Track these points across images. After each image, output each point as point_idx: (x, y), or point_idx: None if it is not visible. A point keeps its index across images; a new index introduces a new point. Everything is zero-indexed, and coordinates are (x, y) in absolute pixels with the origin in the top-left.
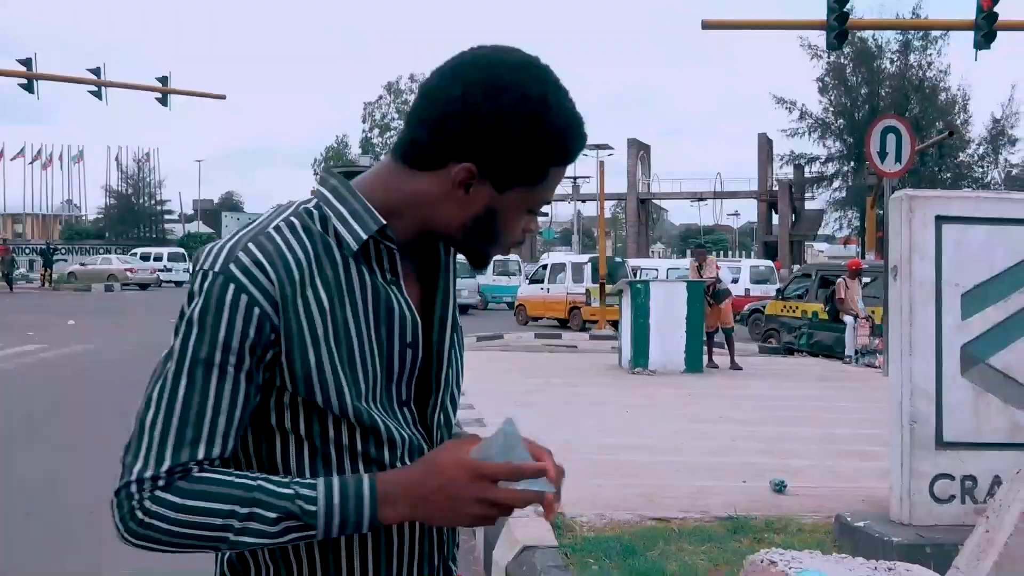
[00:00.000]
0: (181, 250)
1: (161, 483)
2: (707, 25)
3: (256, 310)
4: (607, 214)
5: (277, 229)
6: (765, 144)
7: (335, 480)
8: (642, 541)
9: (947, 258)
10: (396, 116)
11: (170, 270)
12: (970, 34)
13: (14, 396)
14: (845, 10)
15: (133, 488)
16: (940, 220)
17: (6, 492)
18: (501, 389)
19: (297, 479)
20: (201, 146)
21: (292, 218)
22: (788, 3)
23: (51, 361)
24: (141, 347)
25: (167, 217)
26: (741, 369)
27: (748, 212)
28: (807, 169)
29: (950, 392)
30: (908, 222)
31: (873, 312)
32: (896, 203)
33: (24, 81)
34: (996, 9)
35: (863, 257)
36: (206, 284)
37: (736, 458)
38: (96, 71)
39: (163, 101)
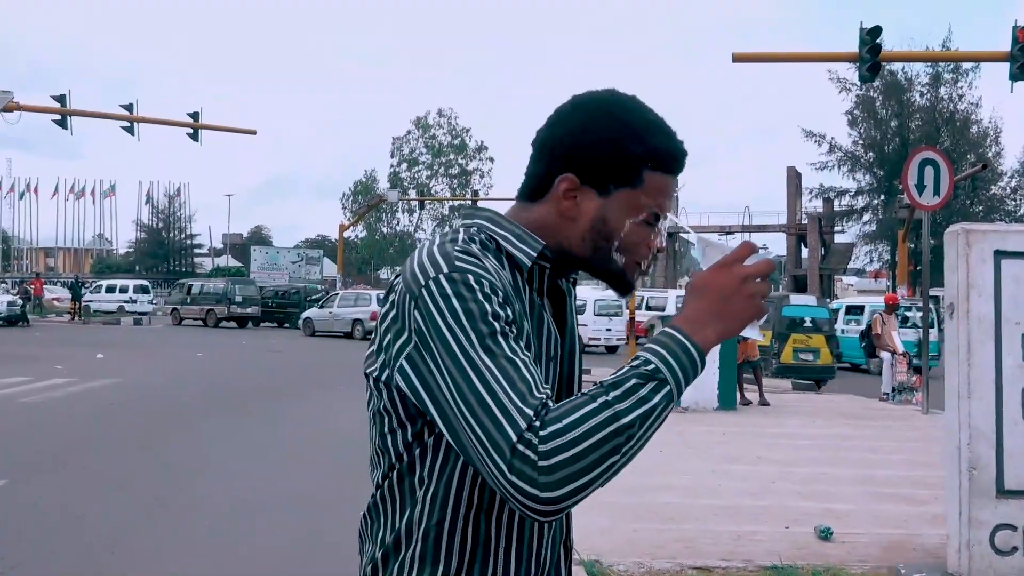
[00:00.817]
0: (146, 282)
1: (537, 425)
2: (737, 58)
3: (500, 292)
4: None
5: (464, 249)
6: (794, 177)
7: (651, 346)
8: None
9: (1007, 294)
10: (424, 151)
11: (135, 302)
12: (1003, 66)
13: (41, 430)
14: (878, 42)
15: (521, 449)
16: (999, 255)
17: (31, 525)
18: None
19: (627, 365)
20: (231, 180)
21: (464, 240)
22: (814, 36)
23: (78, 395)
24: (169, 380)
25: (197, 251)
26: (769, 404)
27: (777, 246)
28: (836, 202)
29: (1012, 436)
30: (965, 257)
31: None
32: (952, 237)
33: (58, 117)
34: None
35: (894, 291)
36: (446, 285)
37: (776, 500)
38: (128, 107)
39: (194, 136)
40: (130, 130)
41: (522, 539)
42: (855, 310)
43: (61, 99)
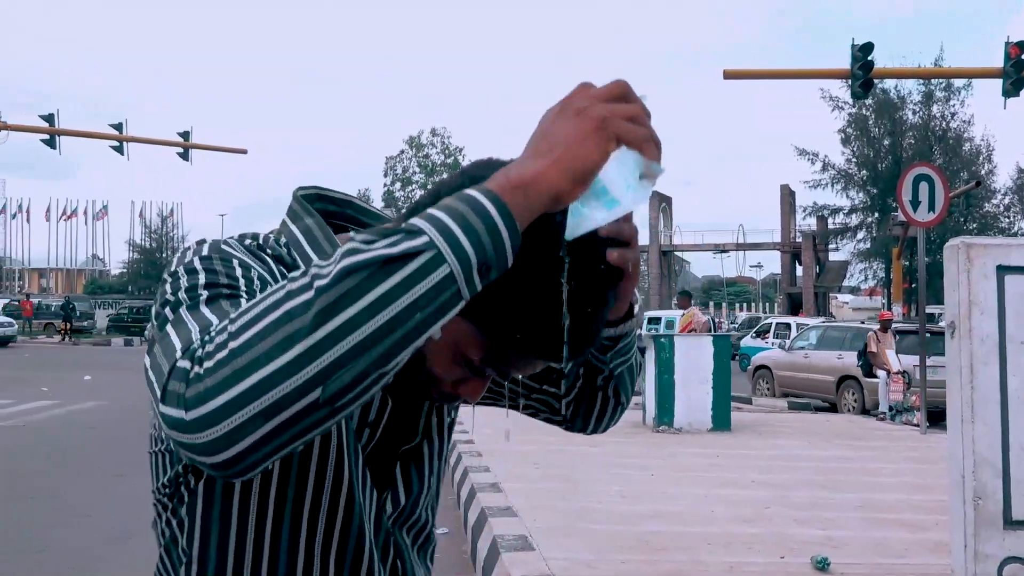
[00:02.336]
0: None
1: (211, 335)
2: (728, 75)
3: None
4: None
5: (250, 243)
6: (787, 195)
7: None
8: None
9: (1011, 312)
10: (417, 170)
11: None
12: (995, 83)
13: (15, 454)
14: (869, 59)
15: (180, 364)
16: (1002, 270)
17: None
18: (516, 448)
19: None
20: (224, 200)
21: (261, 242)
22: (805, 60)
23: (60, 418)
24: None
25: None
26: None
27: (771, 264)
28: (830, 220)
29: (1020, 463)
30: (966, 273)
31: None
32: (952, 252)
33: (46, 137)
34: None
35: (889, 308)
36: (203, 248)
37: (771, 528)
38: (118, 126)
39: (184, 156)
40: (119, 149)
41: None
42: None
43: (49, 118)
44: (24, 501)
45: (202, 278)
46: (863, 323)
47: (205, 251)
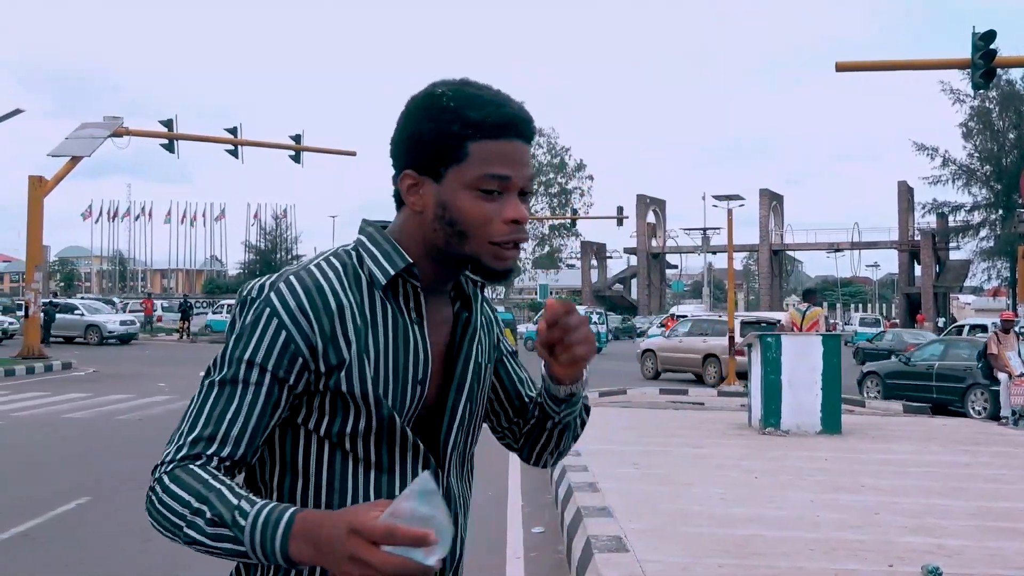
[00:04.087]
0: None
1: (170, 467)
2: (841, 67)
3: (292, 346)
4: (739, 266)
5: (318, 266)
6: (905, 192)
7: (271, 504)
8: None
9: None
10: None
11: None
12: None
13: (132, 446)
14: (992, 47)
15: (157, 470)
16: None
17: (106, 543)
18: (615, 449)
19: (249, 497)
20: (335, 202)
21: (332, 257)
22: (924, 48)
23: (176, 412)
24: None
25: None
26: None
27: (888, 263)
28: (951, 218)
29: None
30: None
31: None
32: None
33: (166, 141)
34: None
35: (1015, 309)
36: (249, 311)
37: (879, 535)
38: (232, 131)
39: (296, 159)
40: (234, 153)
41: None
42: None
43: (168, 123)
44: (139, 491)
45: (219, 367)
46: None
47: (237, 329)
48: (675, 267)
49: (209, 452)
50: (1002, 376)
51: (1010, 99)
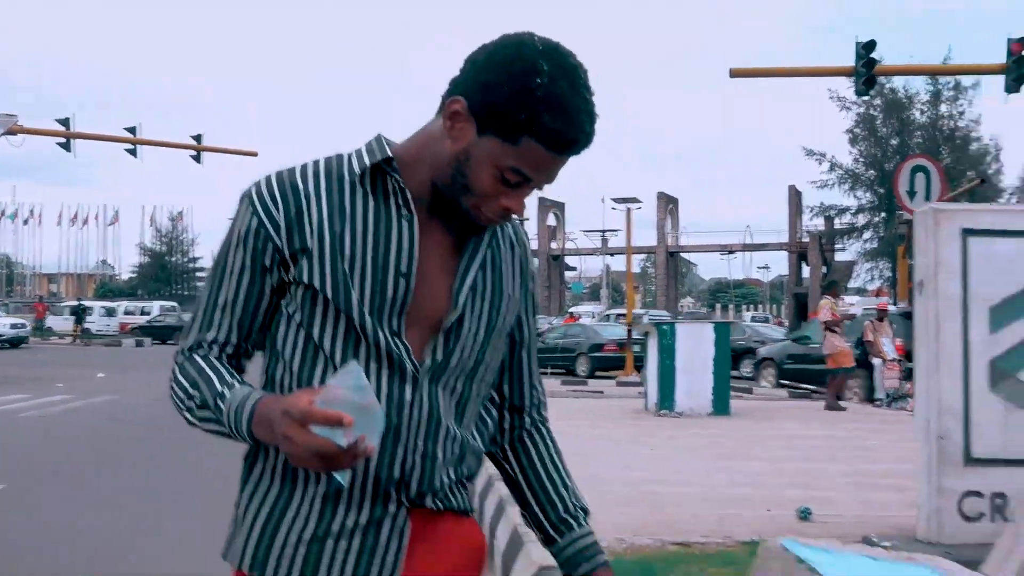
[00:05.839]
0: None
1: (185, 354)
2: (735, 73)
3: (262, 230)
4: (636, 268)
5: (302, 164)
6: (795, 196)
7: (247, 391)
8: (662, 564)
9: (974, 272)
10: None
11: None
12: (1002, 81)
13: (39, 441)
14: (873, 56)
15: (176, 356)
16: (966, 233)
17: (27, 532)
18: None
19: (232, 384)
20: (234, 204)
21: (320, 158)
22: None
23: (77, 410)
24: (165, 396)
25: (199, 274)
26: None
27: (779, 265)
28: (837, 220)
29: (979, 408)
30: (934, 236)
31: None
32: (922, 217)
33: (63, 140)
34: None
35: (895, 304)
36: (238, 205)
37: (763, 491)
38: (132, 129)
39: (196, 158)
40: (133, 152)
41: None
42: None
43: (65, 122)
44: (52, 483)
45: (218, 252)
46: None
47: (233, 218)
48: (574, 269)
49: (208, 340)
50: (876, 361)
51: (893, 107)
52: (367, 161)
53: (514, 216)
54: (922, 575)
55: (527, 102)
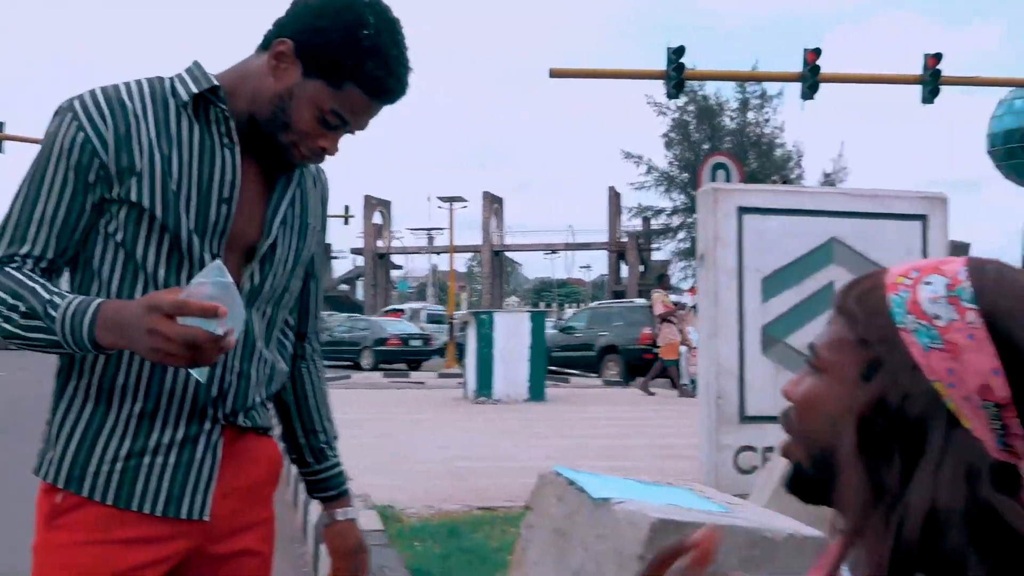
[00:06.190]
0: None
1: None
2: (555, 73)
3: (88, 145)
4: (462, 268)
5: (125, 83)
6: (614, 197)
7: (81, 298)
8: (468, 526)
9: (748, 246)
10: None
11: None
12: (802, 89)
13: None
14: (682, 61)
15: None
16: (742, 211)
17: None
18: (338, 418)
19: (61, 293)
20: None
21: (142, 79)
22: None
23: None
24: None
25: None
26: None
27: (600, 264)
28: (653, 221)
29: (753, 370)
30: (713, 212)
31: None
32: (703, 196)
33: None
34: (819, 63)
35: None
36: (54, 120)
37: (571, 463)
38: None
39: None
40: None
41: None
42: None
43: None
44: None
45: (35, 164)
46: None
47: (45, 137)
48: (400, 267)
49: (22, 254)
50: (682, 349)
51: (705, 113)
52: (193, 88)
53: (327, 157)
54: (683, 495)
55: (354, 50)
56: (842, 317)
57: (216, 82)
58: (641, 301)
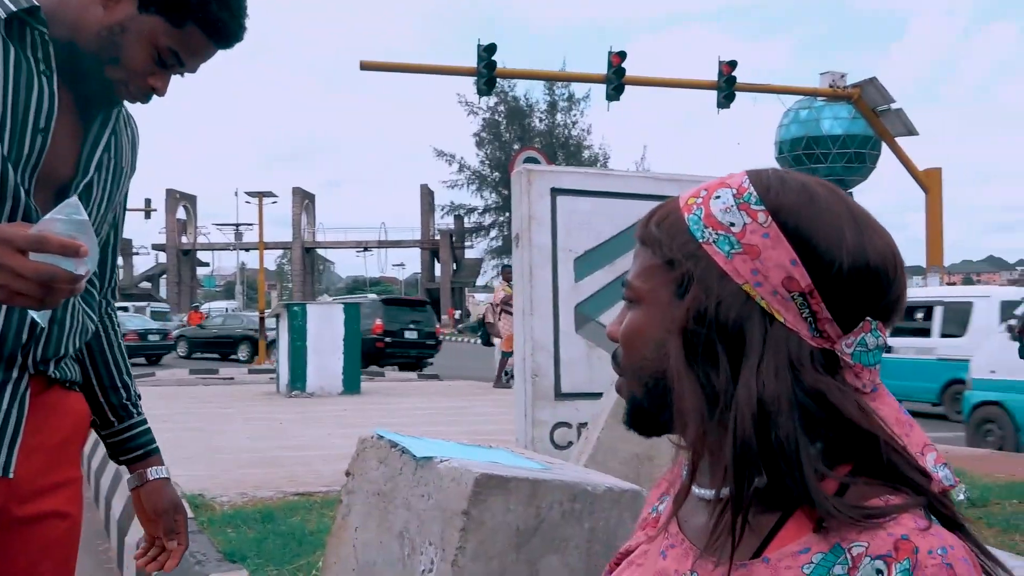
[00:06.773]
0: None
1: None
2: (365, 66)
3: None
4: (272, 265)
5: None
6: (427, 195)
7: None
8: (283, 512)
9: (561, 226)
10: None
11: None
12: (607, 91)
13: None
14: (493, 59)
15: None
16: (555, 192)
17: None
18: (147, 415)
19: None
20: None
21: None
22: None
23: None
24: None
25: None
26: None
27: (413, 262)
28: (466, 219)
29: (566, 347)
30: (527, 193)
31: None
32: (517, 176)
33: None
34: (624, 65)
35: None
36: None
37: None
38: None
39: None
40: None
41: None
42: None
43: None
44: None
45: None
46: None
47: None
48: (207, 264)
49: None
50: (496, 341)
51: (515, 114)
52: (12, 7)
53: (156, 96)
54: (504, 455)
55: None
56: (646, 246)
57: (37, 4)
58: (373, 296)
